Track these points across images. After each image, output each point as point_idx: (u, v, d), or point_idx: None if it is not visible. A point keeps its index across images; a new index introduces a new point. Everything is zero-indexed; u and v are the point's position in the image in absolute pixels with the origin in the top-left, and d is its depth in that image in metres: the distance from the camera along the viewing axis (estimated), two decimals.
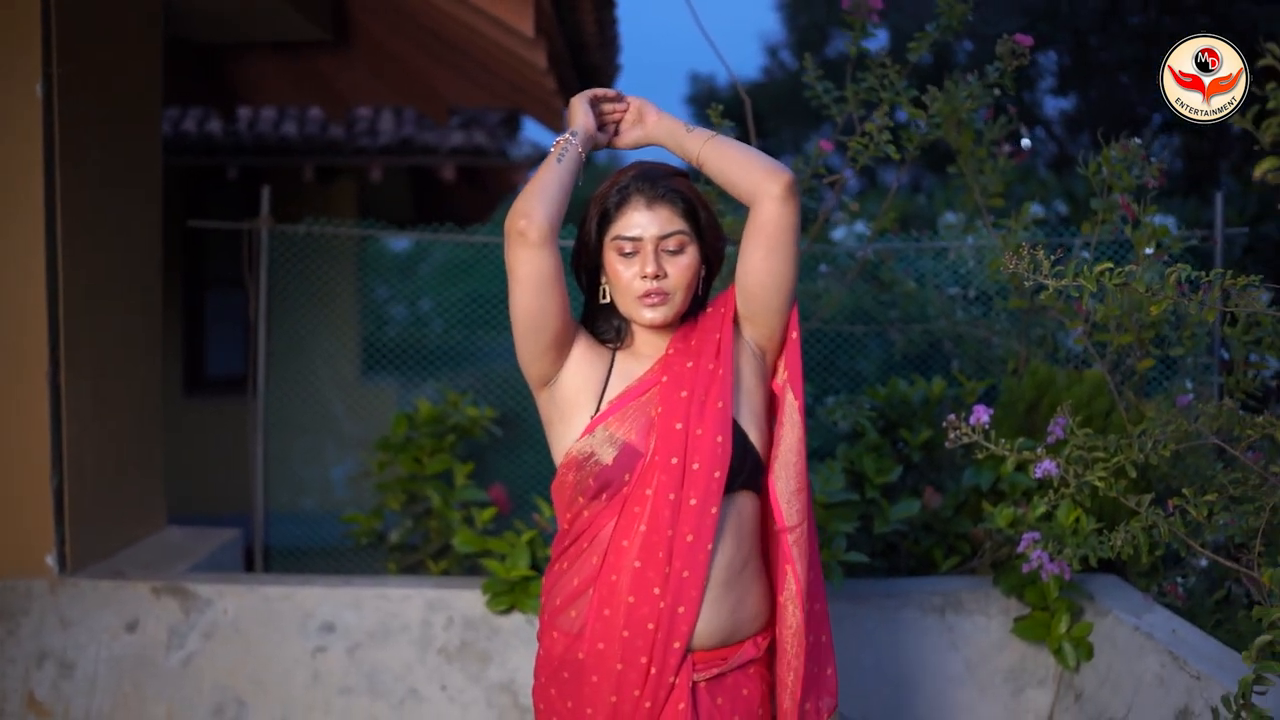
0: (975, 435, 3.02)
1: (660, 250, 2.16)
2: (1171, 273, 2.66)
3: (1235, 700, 2.42)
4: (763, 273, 2.20)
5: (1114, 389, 4.00)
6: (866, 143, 3.74)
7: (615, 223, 2.18)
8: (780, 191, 2.13)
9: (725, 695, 2.21)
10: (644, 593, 2.12)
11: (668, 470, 2.12)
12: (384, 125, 8.91)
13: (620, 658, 2.12)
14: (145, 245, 4.55)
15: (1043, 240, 4.66)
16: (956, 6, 3.94)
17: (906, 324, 4.98)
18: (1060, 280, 2.63)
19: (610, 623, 2.13)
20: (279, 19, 4.98)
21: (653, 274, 2.15)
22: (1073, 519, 3.55)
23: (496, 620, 3.82)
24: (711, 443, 2.15)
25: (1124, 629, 3.51)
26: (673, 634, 2.12)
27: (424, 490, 4.22)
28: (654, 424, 2.16)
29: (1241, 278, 2.65)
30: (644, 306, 2.17)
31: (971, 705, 3.81)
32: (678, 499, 2.12)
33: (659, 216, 2.16)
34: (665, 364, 2.23)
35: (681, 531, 2.12)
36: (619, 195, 2.19)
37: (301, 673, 3.82)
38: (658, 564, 2.11)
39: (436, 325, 6.70)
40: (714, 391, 2.19)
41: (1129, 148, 4.08)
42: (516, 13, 3.96)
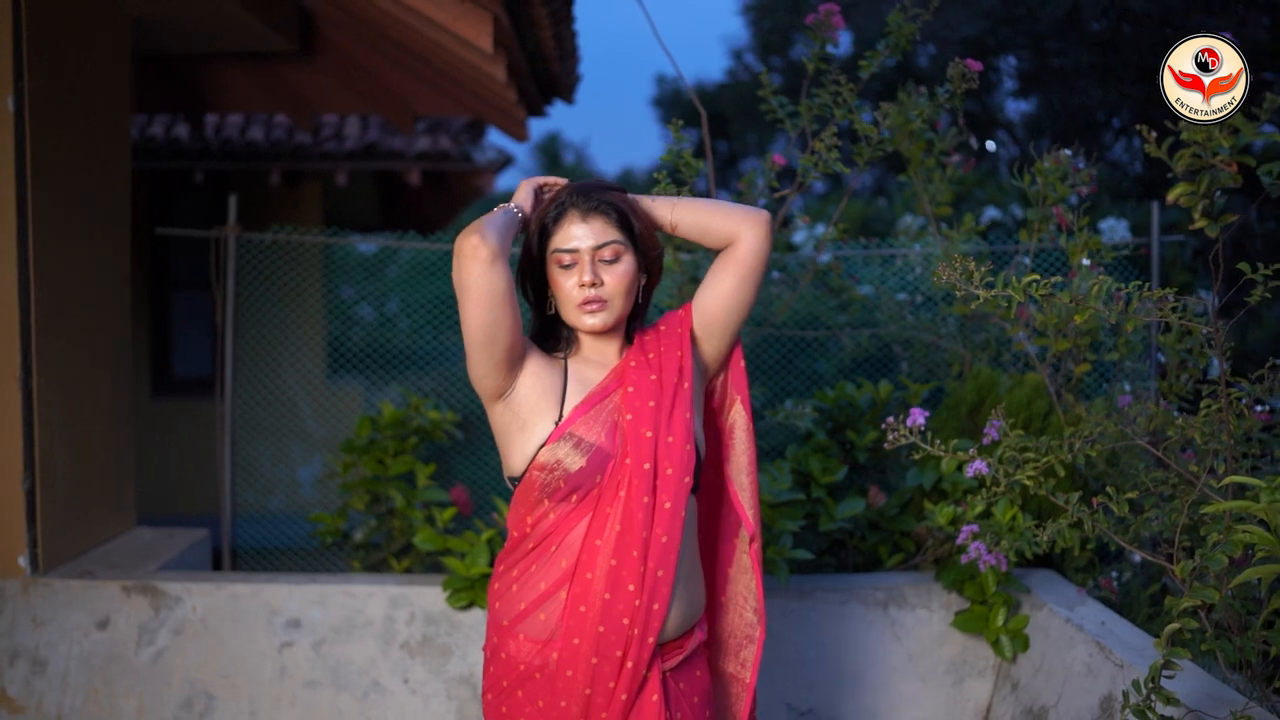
0: (912, 436, 3.18)
1: (597, 260, 2.29)
2: (1094, 285, 2.83)
3: (1146, 684, 2.58)
4: (731, 299, 2.41)
5: (1053, 392, 4.17)
6: (815, 160, 3.89)
7: (554, 237, 2.31)
8: (763, 229, 2.37)
9: (685, 680, 2.38)
10: (619, 589, 2.23)
11: (640, 475, 2.25)
12: (350, 130, 9.00)
13: (595, 652, 2.23)
14: (115, 252, 4.65)
15: (986, 249, 4.82)
16: (906, 26, 4.09)
17: (857, 329, 5.14)
18: (990, 291, 2.79)
19: (585, 619, 2.24)
20: (246, 31, 5.08)
21: (590, 282, 2.27)
22: (1009, 516, 3.70)
23: (457, 616, 3.95)
24: (681, 450, 2.30)
25: (1057, 621, 3.67)
26: (648, 629, 2.25)
27: (387, 491, 4.34)
28: (619, 428, 2.29)
29: (1160, 290, 2.82)
30: (584, 313, 2.30)
31: (914, 696, 3.97)
32: (652, 502, 2.26)
33: (594, 228, 2.29)
34: (627, 374, 2.35)
35: (656, 533, 2.25)
36: (556, 211, 2.32)
37: (269, 667, 3.94)
38: (633, 562, 2.24)
39: (402, 328, 6.81)
40: (680, 403, 2.34)
41: (1060, 159, 4.24)
42: (475, 29, 4.09)
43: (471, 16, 4.04)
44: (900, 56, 4.13)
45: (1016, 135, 18.02)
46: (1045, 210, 4.23)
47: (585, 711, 2.24)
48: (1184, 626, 2.59)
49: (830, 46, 4.22)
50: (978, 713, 3.97)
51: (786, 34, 20.72)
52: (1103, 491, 3.32)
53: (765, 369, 5.26)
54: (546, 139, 31.95)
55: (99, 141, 4.50)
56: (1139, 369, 4.74)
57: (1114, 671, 3.24)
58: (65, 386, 4.19)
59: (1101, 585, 4.11)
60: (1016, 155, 17.31)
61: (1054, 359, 4.32)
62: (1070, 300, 2.85)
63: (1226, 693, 2.89)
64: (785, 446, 4.50)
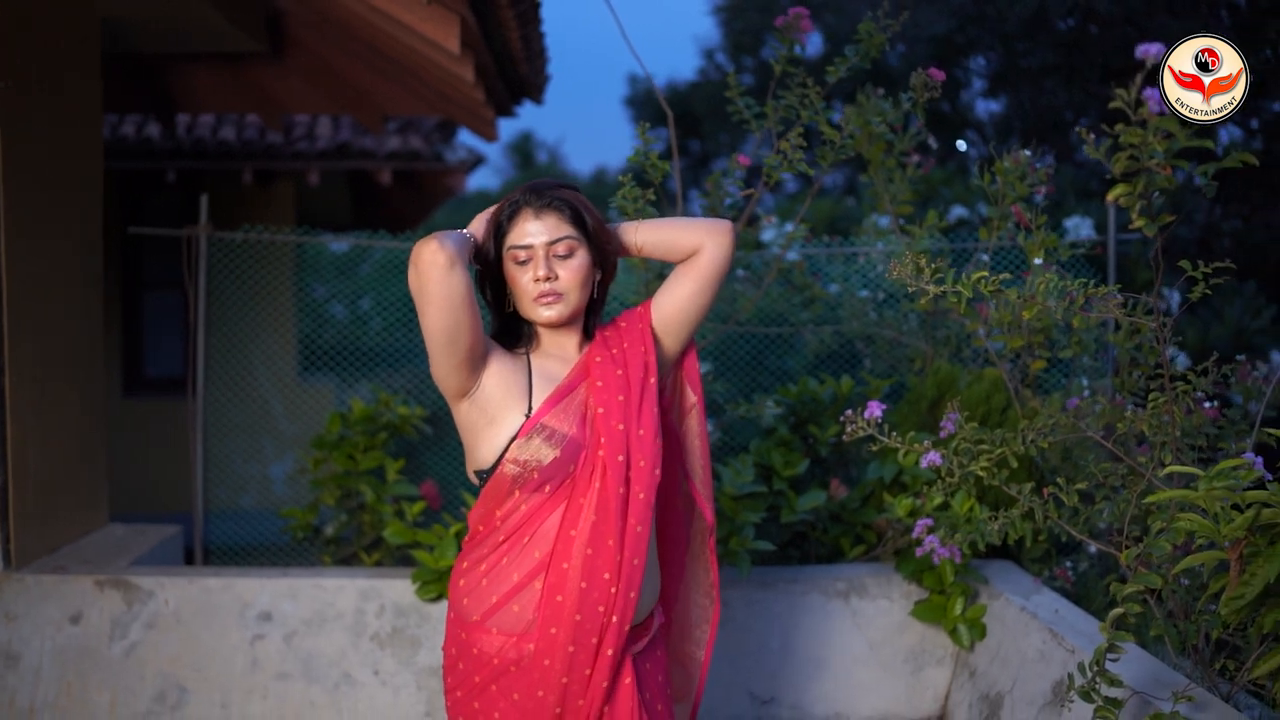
0: (870, 429, 3.26)
1: (551, 255, 2.36)
2: (1041, 283, 2.92)
3: (1090, 666, 2.67)
4: (690, 303, 2.50)
5: (1011, 387, 4.26)
6: (780, 160, 3.97)
7: (509, 234, 2.38)
8: (725, 239, 2.47)
9: (650, 660, 2.47)
10: (595, 578, 2.30)
11: (615, 466, 2.32)
12: (321, 130, 9.03)
13: (572, 640, 2.29)
14: (88, 251, 4.69)
15: (947, 246, 4.92)
16: (876, 36, 4.18)
17: (821, 326, 5.22)
18: (939, 287, 2.87)
19: (562, 608, 2.30)
20: (216, 32, 5.12)
21: (544, 276, 2.34)
22: (966, 508, 3.80)
23: (426, 608, 4.02)
24: (652, 442, 2.38)
25: (1013, 610, 3.77)
26: (625, 616, 2.32)
27: (358, 486, 4.40)
28: (588, 419, 2.37)
29: (1103, 287, 2.91)
30: (541, 306, 2.37)
31: (875, 684, 4.06)
32: (626, 493, 2.34)
33: (547, 224, 2.36)
34: (592, 369, 2.42)
35: (631, 523, 2.33)
36: (510, 209, 2.39)
37: (240, 659, 3.99)
38: (608, 551, 2.30)
39: (374, 326, 6.84)
40: (648, 398, 2.42)
41: (1019, 159, 4.34)
42: (442, 30, 4.14)
43: (438, 18, 4.10)
44: (869, 64, 4.21)
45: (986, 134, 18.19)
46: (1004, 209, 4.32)
47: (562, 699, 2.30)
48: (1128, 611, 2.68)
49: (798, 49, 4.30)
50: (936, 700, 4.07)
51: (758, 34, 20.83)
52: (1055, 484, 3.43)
53: (732, 365, 5.33)
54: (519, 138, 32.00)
55: (71, 141, 4.54)
56: (1097, 365, 4.84)
57: (1066, 657, 3.34)
58: (38, 385, 4.23)
59: (1057, 575, 4.21)
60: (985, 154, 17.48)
61: (1012, 355, 4.42)
62: (1018, 297, 2.93)
63: (1171, 675, 2.99)
64: (749, 440, 4.58)
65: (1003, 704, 3.60)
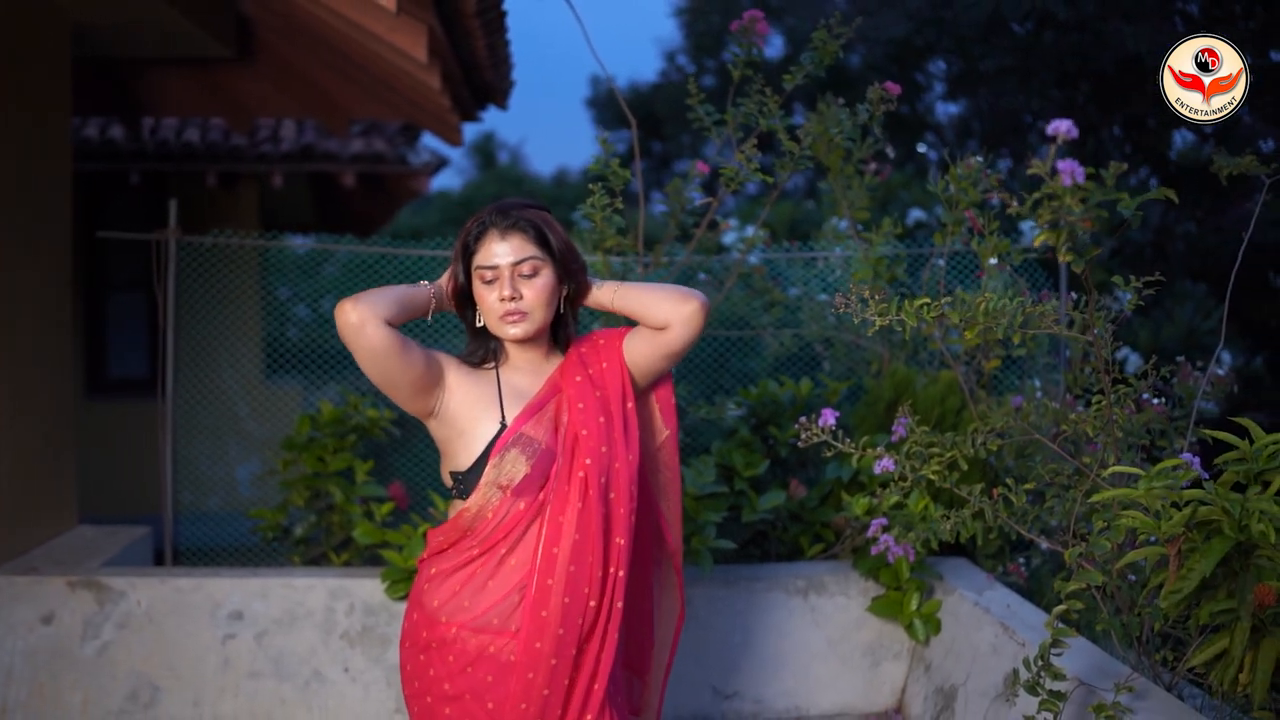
0: (824, 435, 3.37)
1: (516, 275, 2.44)
2: (979, 303, 3.03)
3: (1035, 661, 2.79)
4: (650, 365, 2.58)
5: (966, 388, 4.38)
6: (736, 171, 4.07)
7: (476, 254, 2.46)
8: (696, 322, 2.49)
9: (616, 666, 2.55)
10: (578, 593, 2.38)
11: (597, 487, 2.41)
12: (286, 133, 9.05)
13: (555, 653, 2.36)
14: (55, 253, 4.74)
15: (903, 251, 5.03)
16: (830, 44, 4.28)
17: (781, 329, 5.33)
18: (885, 318, 2.98)
19: (547, 624, 2.36)
20: (185, 37, 5.16)
21: (509, 296, 2.42)
22: (921, 506, 3.91)
23: (395, 606, 4.09)
24: (633, 463, 2.48)
25: (966, 605, 3.89)
26: (611, 625, 2.42)
27: (327, 487, 4.46)
28: (560, 433, 2.44)
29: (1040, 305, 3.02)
30: (507, 324, 2.45)
31: (834, 678, 4.17)
32: (608, 511, 2.42)
33: (513, 245, 2.44)
34: (571, 389, 2.49)
35: (614, 538, 2.43)
36: (478, 230, 2.47)
37: (212, 658, 4.06)
38: (590, 568, 2.38)
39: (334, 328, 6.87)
40: (632, 422, 2.52)
41: (972, 165, 4.45)
42: (410, 40, 4.21)
43: (406, 28, 4.17)
44: (823, 72, 4.30)
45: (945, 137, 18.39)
46: (958, 214, 4.44)
47: (542, 711, 2.37)
48: (1070, 608, 2.80)
49: (755, 52, 4.38)
50: (893, 693, 4.18)
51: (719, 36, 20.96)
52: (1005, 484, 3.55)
53: (695, 368, 5.43)
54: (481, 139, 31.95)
55: (39, 144, 4.58)
56: (1051, 363, 4.98)
57: (1017, 650, 3.45)
58: (7, 385, 4.28)
59: (1010, 571, 4.34)
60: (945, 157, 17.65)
61: (967, 356, 4.54)
62: (959, 320, 3.04)
63: (1116, 666, 3.12)
64: (710, 442, 4.67)
65: (957, 696, 3.72)
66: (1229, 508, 2.53)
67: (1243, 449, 2.63)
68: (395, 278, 5.47)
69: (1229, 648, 2.61)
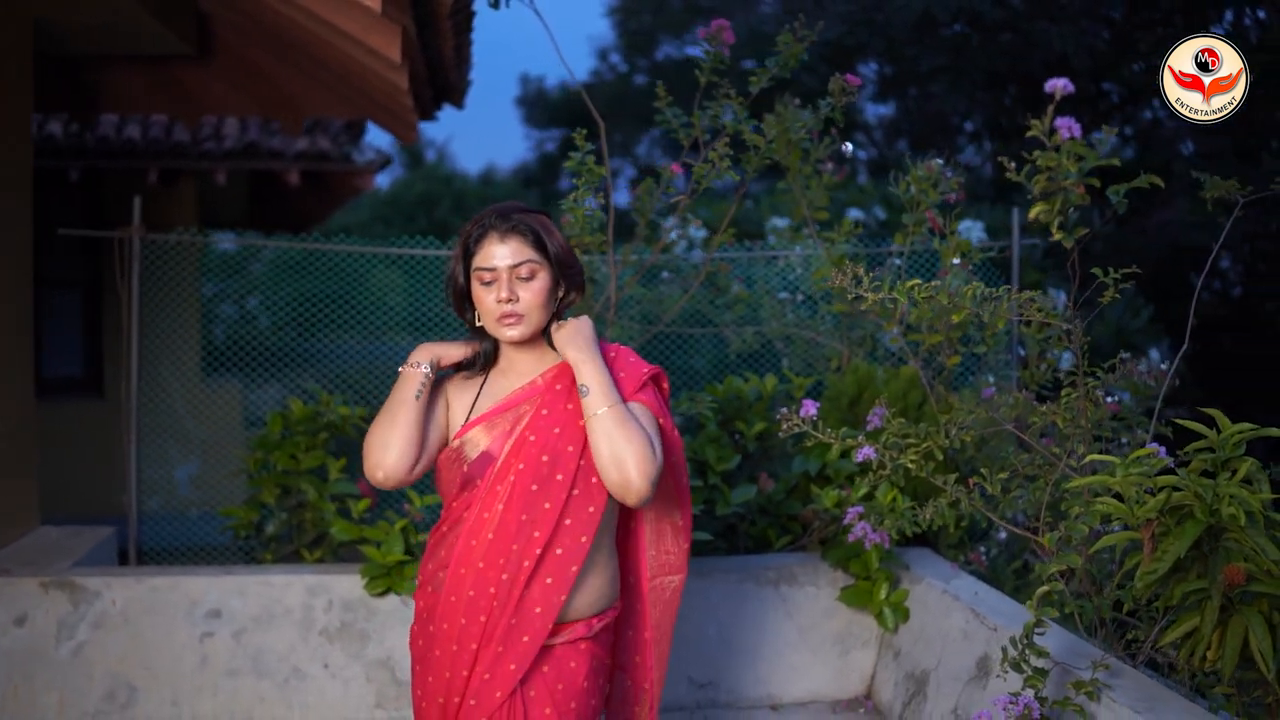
0: (805, 426, 3.47)
1: (514, 277, 2.49)
2: (969, 290, 3.15)
3: (1020, 641, 2.91)
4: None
5: (926, 383, 4.52)
6: (708, 169, 4.16)
7: (475, 256, 2.51)
8: (641, 496, 2.38)
9: (550, 664, 2.51)
10: (482, 590, 2.42)
11: (523, 494, 2.43)
12: (229, 130, 8.98)
13: (455, 640, 2.43)
14: (16, 252, 4.69)
15: (862, 251, 5.16)
16: (795, 47, 4.38)
17: (741, 326, 5.43)
18: (878, 294, 3.09)
19: (454, 608, 2.44)
20: (146, 34, 5.12)
21: (506, 298, 2.47)
22: (890, 498, 4.03)
23: (374, 602, 4.13)
24: (582, 479, 2.47)
25: (935, 593, 4.02)
26: (520, 627, 2.43)
27: (299, 484, 4.46)
28: (512, 437, 2.48)
29: (1026, 292, 3.15)
30: (503, 326, 2.50)
31: (805, 666, 4.28)
32: (530, 519, 2.42)
33: (511, 248, 2.49)
34: (548, 396, 2.52)
35: (540, 543, 2.42)
36: (479, 232, 2.52)
37: (190, 657, 4.06)
38: (496, 570, 2.41)
39: (263, 325, 6.81)
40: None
41: (933, 167, 4.60)
42: (385, 40, 4.23)
43: (382, 28, 4.19)
44: (788, 74, 4.41)
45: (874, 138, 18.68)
46: (918, 214, 4.57)
47: (446, 690, 2.45)
48: (1052, 589, 2.93)
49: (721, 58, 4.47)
50: (863, 680, 4.30)
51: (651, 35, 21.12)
52: (975, 474, 3.68)
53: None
54: None
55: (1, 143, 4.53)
56: (1003, 360, 5.14)
57: (988, 634, 3.58)
58: None
59: (972, 560, 4.48)
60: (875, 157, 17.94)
61: (926, 353, 4.68)
62: (948, 301, 3.16)
63: (1086, 647, 3.25)
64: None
65: (928, 681, 3.84)
66: (1201, 492, 2.67)
67: (1211, 438, 2.76)
68: (328, 277, 5.47)
69: (1199, 625, 2.75)
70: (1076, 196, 2.95)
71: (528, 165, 28.42)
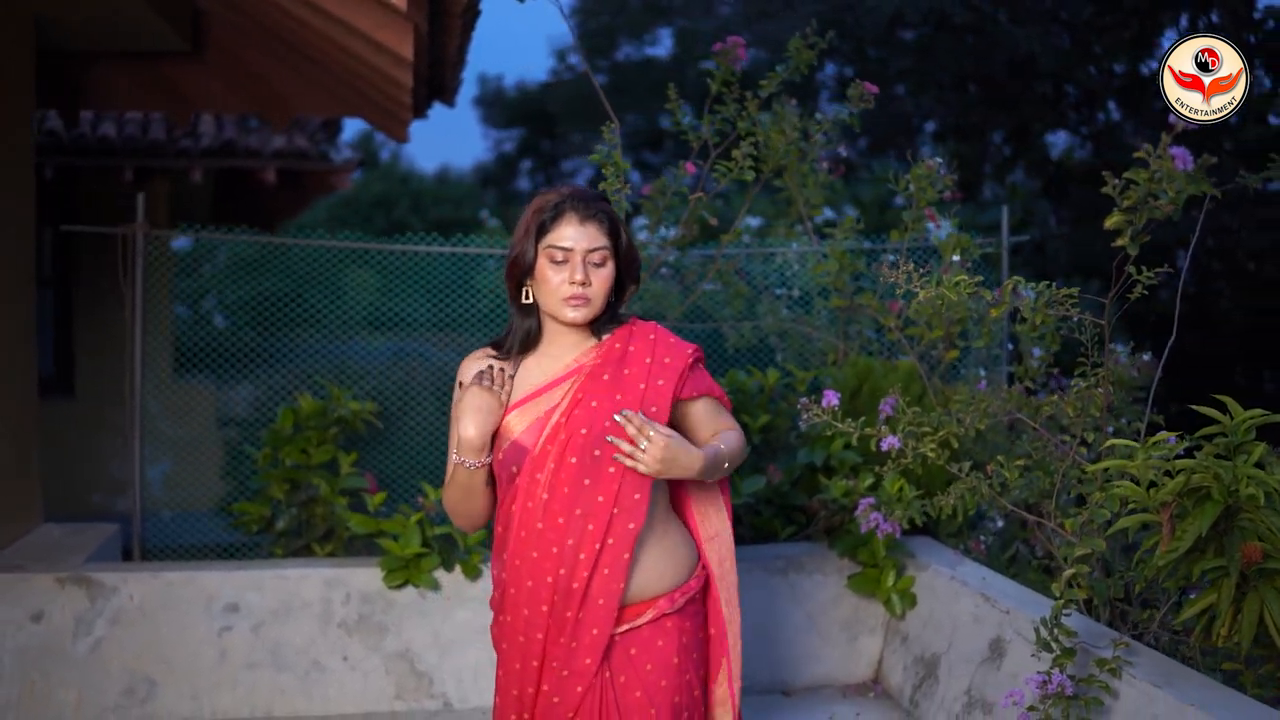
0: (825, 415, 3.57)
1: (587, 262, 2.55)
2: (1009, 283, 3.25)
3: (1050, 621, 3.02)
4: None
5: (924, 376, 4.64)
6: (732, 167, 4.27)
7: (550, 233, 2.54)
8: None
9: (637, 645, 2.56)
10: (545, 550, 2.46)
11: (576, 484, 2.47)
12: (205, 128, 8.95)
13: (522, 632, 2.49)
14: (18, 253, 4.68)
15: (862, 247, 5.27)
16: (804, 52, 4.50)
17: (739, 321, 5.53)
18: (927, 291, 3.20)
19: (520, 571, 2.48)
20: (146, 29, 5.11)
21: (580, 281, 2.52)
22: (897, 488, 4.13)
23: (391, 594, 4.17)
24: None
25: (942, 579, 4.13)
26: (595, 590, 2.49)
27: (310, 479, 4.49)
28: (546, 423, 2.51)
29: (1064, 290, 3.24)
30: (568, 307, 2.54)
31: (815, 652, 4.38)
32: (594, 479, 2.46)
33: (588, 232, 2.54)
34: (592, 382, 2.54)
35: (596, 537, 2.47)
36: (555, 210, 2.55)
37: (209, 651, 4.08)
38: (558, 529, 2.45)
39: (218, 323, 6.78)
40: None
41: (931, 165, 4.71)
42: (397, 37, 4.27)
43: (394, 25, 4.23)
44: (799, 78, 4.52)
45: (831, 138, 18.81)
46: (918, 211, 4.69)
47: (520, 681, 2.49)
48: (1077, 572, 3.05)
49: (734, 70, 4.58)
50: (870, 665, 4.41)
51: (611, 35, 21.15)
52: (985, 463, 3.80)
53: None
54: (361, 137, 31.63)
55: (3, 140, 4.53)
56: (993, 356, 5.27)
57: (1000, 618, 3.70)
58: None
59: (972, 549, 4.60)
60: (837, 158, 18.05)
61: (923, 347, 4.81)
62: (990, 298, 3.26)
63: (1099, 629, 3.37)
64: None
65: (939, 664, 3.96)
66: (1221, 474, 2.79)
67: (1224, 423, 2.88)
68: (293, 276, 5.49)
69: (1216, 602, 2.87)
70: (1160, 214, 3.02)
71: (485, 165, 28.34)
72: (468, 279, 5.53)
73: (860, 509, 3.88)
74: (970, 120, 14.25)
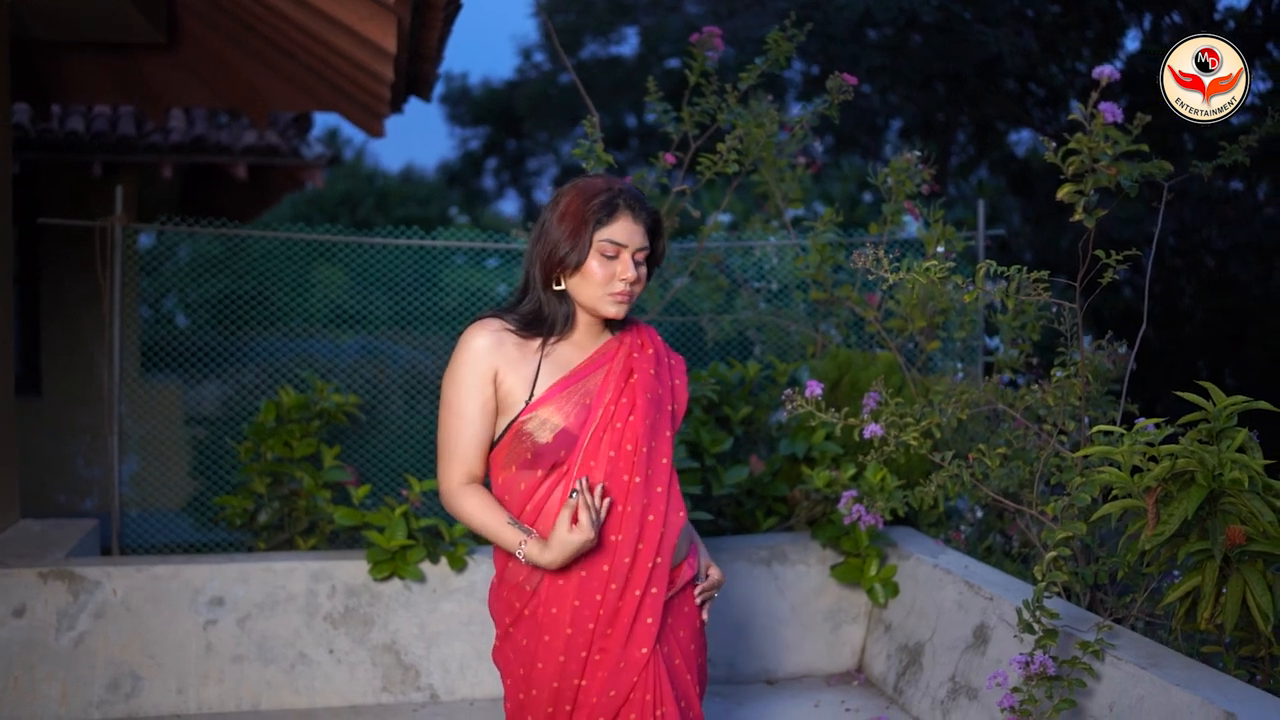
0: (809, 406, 3.60)
1: (635, 260, 2.56)
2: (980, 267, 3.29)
3: (1033, 604, 3.06)
4: None
5: (904, 368, 4.68)
6: (715, 160, 4.30)
7: (606, 227, 2.50)
8: None
9: (673, 614, 2.61)
10: (595, 569, 2.46)
11: (642, 470, 2.51)
12: (175, 123, 8.88)
13: (570, 624, 2.47)
14: None
15: (840, 240, 5.31)
16: (783, 44, 4.53)
17: (718, 315, 5.56)
18: (896, 275, 3.23)
19: (564, 591, 2.47)
20: (120, 20, 5.06)
21: (633, 279, 2.52)
22: (879, 478, 4.17)
23: (377, 587, 4.17)
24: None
25: (925, 568, 4.18)
26: (644, 608, 2.51)
27: (293, 472, 4.48)
28: (590, 409, 2.53)
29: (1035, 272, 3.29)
30: (612, 301, 2.54)
31: (798, 642, 4.41)
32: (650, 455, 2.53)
33: (641, 231, 2.54)
34: (641, 373, 2.59)
35: (653, 532, 2.51)
36: (610, 205, 2.51)
37: (194, 645, 4.07)
38: (609, 547, 2.47)
39: (180, 324, 6.74)
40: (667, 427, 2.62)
41: (910, 159, 4.76)
42: (381, 30, 4.26)
43: (379, 18, 4.23)
44: (779, 70, 4.55)
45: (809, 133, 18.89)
46: (897, 204, 4.74)
47: (561, 674, 2.48)
48: (1059, 554, 3.09)
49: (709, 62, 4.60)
50: (854, 654, 4.45)
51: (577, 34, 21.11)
52: (961, 454, 3.85)
53: None
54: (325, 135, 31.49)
55: None
56: (970, 348, 5.32)
57: (984, 604, 3.75)
58: None
59: (952, 537, 4.66)
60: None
61: (903, 339, 4.86)
62: (962, 283, 3.30)
63: (1080, 612, 3.42)
64: None
65: (923, 651, 4.00)
66: (1205, 459, 2.84)
67: (1207, 409, 2.94)
68: (255, 273, 5.48)
69: (1200, 585, 2.92)
70: (1107, 178, 3.07)
71: (450, 164, 28.23)
72: (433, 275, 5.53)
73: (843, 502, 3.90)
74: (936, 118, 14.35)
